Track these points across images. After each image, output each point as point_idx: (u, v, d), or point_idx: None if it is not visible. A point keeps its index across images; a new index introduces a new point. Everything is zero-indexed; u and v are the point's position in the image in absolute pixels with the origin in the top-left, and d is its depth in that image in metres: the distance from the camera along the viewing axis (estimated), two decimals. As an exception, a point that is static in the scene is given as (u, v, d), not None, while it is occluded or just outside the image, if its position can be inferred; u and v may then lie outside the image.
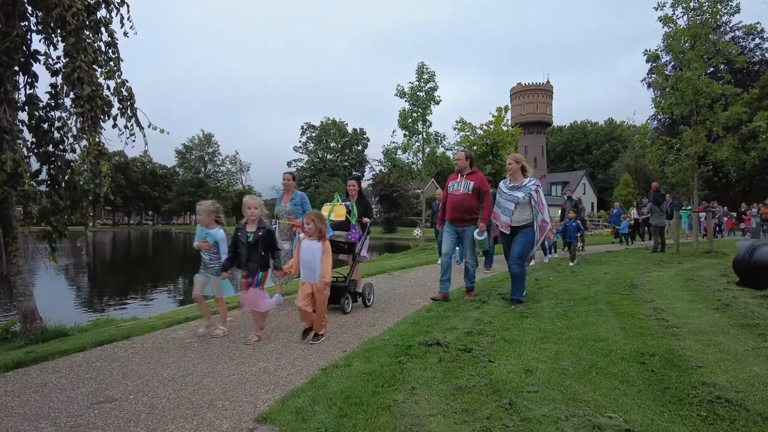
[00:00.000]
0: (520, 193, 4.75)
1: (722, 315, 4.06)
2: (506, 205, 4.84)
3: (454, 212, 5.03)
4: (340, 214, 5.12)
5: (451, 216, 5.08)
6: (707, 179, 29.04)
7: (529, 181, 4.83)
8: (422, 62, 22.03)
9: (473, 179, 5.04)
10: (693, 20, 9.93)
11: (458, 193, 5.03)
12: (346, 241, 5.06)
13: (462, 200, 4.99)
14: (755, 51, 29.64)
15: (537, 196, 4.72)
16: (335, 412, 2.24)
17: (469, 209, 5.00)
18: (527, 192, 4.73)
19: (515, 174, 4.89)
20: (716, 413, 2.12)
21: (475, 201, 5.00)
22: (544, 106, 59.07)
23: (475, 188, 4.99)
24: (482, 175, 5.18)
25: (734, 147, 9.84)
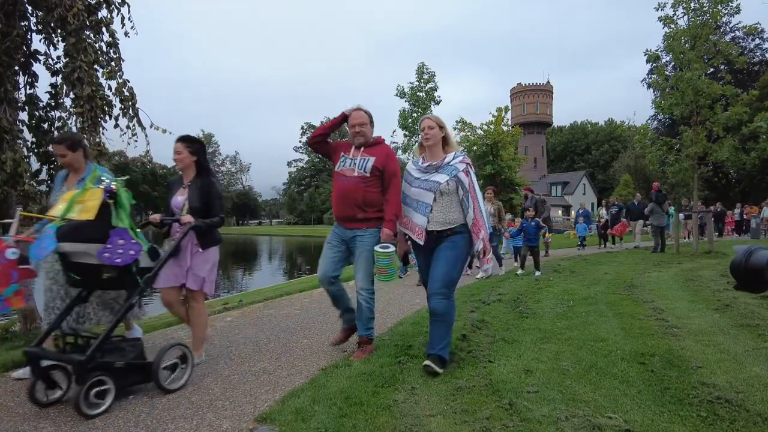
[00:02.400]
0: (441, 177, 2.93)
1: (722, 315, 4.06)
2: (420, 197, 2.98)
3: (342, 206, 3.21)
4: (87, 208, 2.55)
5: (338, 212, 3.26)
6: (707, 179, 29.05)
7: (454, 157, 3.00)
8: (422, 62, 22.05)
9: (375, 154, 3.19)
10: (693, 21, 9.93)
11: (349, 176, 3.17)
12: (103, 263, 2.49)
13: (355, 187, 3.14)
14: (755, 51, 29.68)
15: (468, 181, 2.93)
16: (335, 412, 2.24)
17: (366, 203, 3.15)
18: (452, 174, 2.91)
19: (434, 147, 3.05)
20: (716, 414, 2.12)
21: (376, 190, 3.19)
22: (544, 107, 59.13)
23: (377, 169, 3.15)
24: (389, 148, 3.39)
25: (734, 147, 9.84)
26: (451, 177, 2.91)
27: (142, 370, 2.60)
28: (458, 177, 2.91)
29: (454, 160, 2.98)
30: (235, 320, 4.63)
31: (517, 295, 5.39)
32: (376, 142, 3.34)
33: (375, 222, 3.21)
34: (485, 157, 24.18)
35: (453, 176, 2.91)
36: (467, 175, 2.94)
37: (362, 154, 3.22)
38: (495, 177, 23.83)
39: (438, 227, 2.95)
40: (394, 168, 3.25)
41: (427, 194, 2.95)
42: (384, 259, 3.05)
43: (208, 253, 3.14)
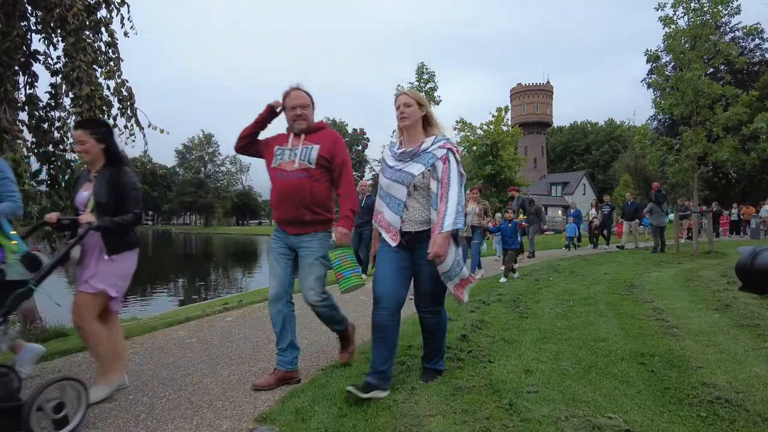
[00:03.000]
0: (416, 167, 2.44)
1: (722, 315, 4.06)
2: (392, 191, 2.51)
3: (285, 207, 2.69)
4: None
5: (280, 215, 2.74)
6: (707, 179, 29.05)
7: (434, 141, 2.48)
8: (422, 62, 22.11)
9: (320, 141, 2.71)
10: (693, 21, 9.93)
11: (290, 170, 2.66)
12: None
13: (299, 183, 2.64)
14: (755, 51, 29.68)
15: (443, 170, 2.41)
16: (335, 412, 2.24)
17: (315, 201, 2.67)
18: (429, 163, 2.43)
19: (412, 129, 2.53)
20: (716, 414, 2.12)
21: (324, 185, 2.73)
22: (544, 107, 59.15)
23: (323, 158, 2.68)
24: (336, 133, 2.90)
25: (734, 147, 9.85)
26: (427, 167, 2.41)
27: (6, 416, 1.92)
28: (435, 167, 2.41)
29: (433, 146, 2.44)
30: (235, 320, 4.63)
31: (517, 295, 5.39)
32: (319, 127, 2.81)
33: (324, 225, 2.73)
34: (485, 158, 24.20)
35: (429, 166, 2.41)
36: (444, 163, 2.40)
37: (304, 142, 2.70)
38: (495, 177, 23.84)
39: (415, 227, 2.46)
40: (343, 156, 2.77)
41: (399, 188, 2.46)
42: (336, 259, 2.72)
43: (119, 261, 2.56)
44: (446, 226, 2.30)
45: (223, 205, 73.10)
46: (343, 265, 2.71)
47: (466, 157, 26.09)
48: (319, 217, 2.72)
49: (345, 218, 2.73)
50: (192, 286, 14.42)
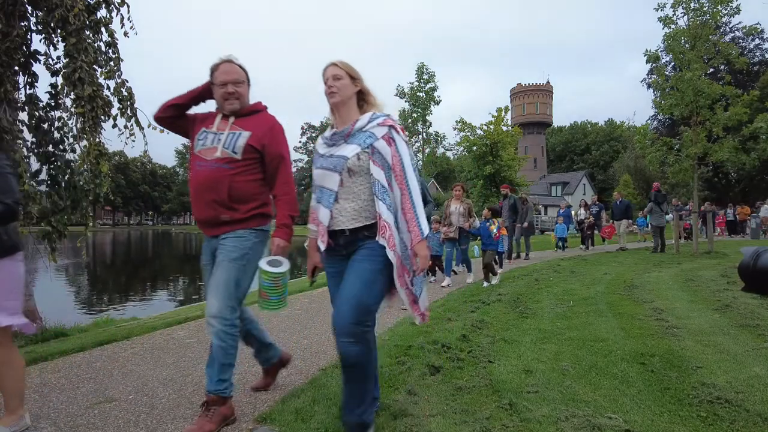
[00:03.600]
0: (349, 148, 1.98)
1: (722, 315, 4.06)
2: (323, 181, 2.04)
3: (200, 205, 2.27)
4: None
5: (196, 214, 2.33)
6: (707, 180, 29.06)
7: (371, 118, 2.01)
8: (422, 63, 22.15)
9: (251, 126, 2.27)
10: (693, 21, 9.94)
11: (209, 159, 2.23)
12: None
13: (216, 176, 2.21)
14: (755, 51, 29.68)
15: (391, 153, 1.95)
16: (335, 412, 2.23)
17: (235, 197, 2.23)
18: (366, 143, 1.96)
19: (344, 107, 2.05)
20: (716, 414, 2.12)
21: (250, 178, 2.27)
22: (544, 107, 59.17)
23: (252, 148, 2.25)
24: (274, 119, 2.39)
25: (734, 148, 9.85)
26: (364, 147, 1.92)
27: None
28: (375, 148, 1.91)
29: (370, 124, 1.96)
30: (235, 320, 4.63)
31: (517, 295, 5.39)
32: (255, 109, 2.35)
33: (251, 221, 2.26)
34: (485, 158, 24.19)
35: (367, 146, 1.92)
36: (390, 145, 1.92)
37: (232, 126, 2.24)
38: (495, 177, 23.84)
39: (348, 224, 1.94)
40: (280, 148, 2.29)
41: (330, 176, 1.96)
42: (267, 280, 2.16)
43: None
44: (425, 230, 1.88)
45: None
46: (274, 289, 2.18)
47: (466, 157, 26.10)
48: (240, 215, 2.24)
49: (282, 227, 2.25)
50: (192, 286, 14.42)
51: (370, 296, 1.87)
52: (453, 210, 6.96)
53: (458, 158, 31.46)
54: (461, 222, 6.86)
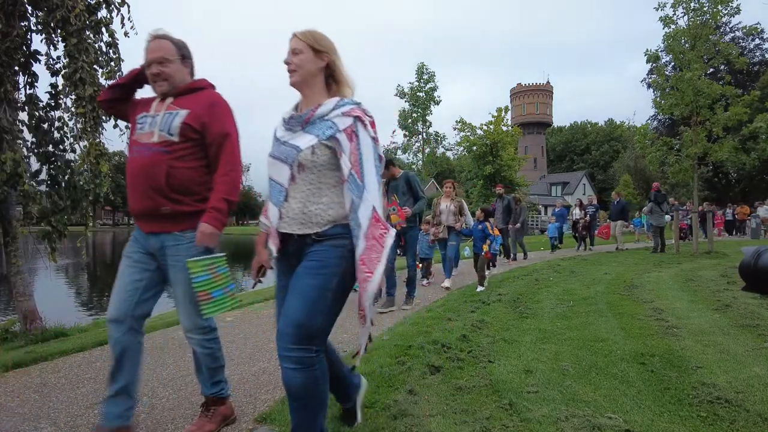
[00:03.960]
0: (305, 138, 1.65)
1: (722, 315, 4.06)
2: (274, 173, 1.72)
3: (135, 195, 2.01)
4: None
5: (132, 206, 2.05)
6: (707, 180, 29.08)
7: (337, 104, 1.68)
8: (422, 63, 22.13)
9: (190, 105, 2.01)
10: (693, 21, 9.94)
11: (146, 143, 1.99)
12: None
13: (152, 161, 1.96)
14: (755, 51, 29.69)
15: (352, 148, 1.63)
16: (335, 412, 2.23)
17: (175, 186, 1.97)
18: (325, 134, 1.63)
19: (307, 87, 1.74)
20: (716, 414, 2.12)
21: (192, 164, 2.01)
22: (544, 107, 59.23)
23: (190, 128, 1.98)
24: (218, 96, 2.10)
25: (734, 148, 9.86)
26: (322, 139, 1.60)
27: None
28: (336, 139, 1.60)
29: (334, 111, 1.64)
30: (235, 320, 4.63)
31: (517, 295, 5.39)
32: (196, 86, 2.08)
33: (194, 220, 1.96)
34: (485, 158, 24.21)
35: (327, 138, 1.60)
36: (352, 140, 1.61)
37: (169, 107, 2.01)
38: (495, 177, 23.86)
39: (296, 228, 1.64)
40: (223, 126, 2.01)
41: (281, 168, 1.66)
42: (199, 273, 1.85)
43: None
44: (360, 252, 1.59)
45: (223, 205, 73.05)
46: (213, 282, 1.90)
47: (466, 157, 26.10)
48: (184, 207, 1.96)
49: (213, 211, 1.93)
50: (192, 286, 14.41)
51: (314, 317, 1.55)
52: (443, 208, 6.51)
53: (458, 158, 31.47)
54: (451, 221, 6.43)
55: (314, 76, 1.72)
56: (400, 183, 5.01)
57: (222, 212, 1.95)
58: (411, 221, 4.98)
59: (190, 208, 1.98)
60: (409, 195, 4.98)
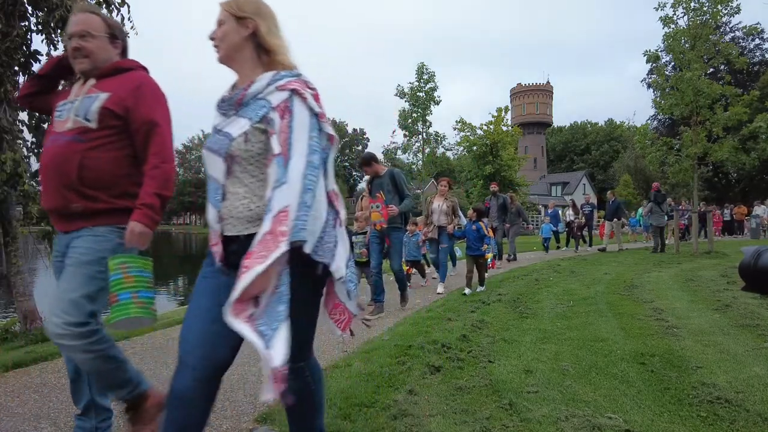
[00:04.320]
0: (238, 124, 1.37)
1: (722, 315, 4.06)
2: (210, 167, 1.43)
3: (45, 190, 1.79)
4: None
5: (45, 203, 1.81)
6: (707, 179, 29.08)
7: (273, 79, 1.37)
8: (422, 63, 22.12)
9: (113, 88, 1.75)
10: (693, 21, 9.95)
11: (59, 133, 1.74)
12: None
13: (64, 152, 1.70)
14: (755, 51, 29.69)
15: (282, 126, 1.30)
16: (335, 413, 2.24)
17: (88, 180, 1.71)
18: (258, 115, 1.34)
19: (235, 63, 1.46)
20: (716, 414, 2.12)
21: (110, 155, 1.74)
22: (544, 107, 59.19)
23: (111, 113, 1.72)
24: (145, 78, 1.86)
25: (734, 148, 9.87)
26: (253, 122, 1.34)
27: None
28: (270, 119, 1.33)
29: (269, 87, 1.36)
30: (235, 320, 4.63)
31: (517, 295, 5.39)
32: (122, 66, 1.84)
33: (112, 216, 1.74)
34: (485, 158, 24.22)
35: (259, 120, 1.34)
36: (284, 116, 1.32)
37: (90, 89, 1.76)
38: (495, 177, 23.90)
39: (243, 228, 1.38)
40: (148, 112, 1.75)
41: (214, 161, 1.41)
42: (111, 272, 1.63)
43: None
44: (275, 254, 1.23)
45: (223, 205, 73.19)
46: (122, 282, 1.61)
47: (466, 157, 26.11)
48: (98, 205, 1.72)
49: (143, 208, 1.69)
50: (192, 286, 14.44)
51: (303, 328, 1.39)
52: (435, 207, 6.25)
53: (458, 158, 31.50)
54: (443, 221, 6.17)
55: (240, 48, 1.44)
56: (385, 181, 4.66)
57: (154, 209, 1.72)
58: (396, 222, 4.57)
59: (105, 205, 1.73)
60: (395, 193, 4.62)
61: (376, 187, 4.67)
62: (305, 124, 1.33)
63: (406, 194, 4.64)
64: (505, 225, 9.69)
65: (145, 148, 1.77)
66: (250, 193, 1.39)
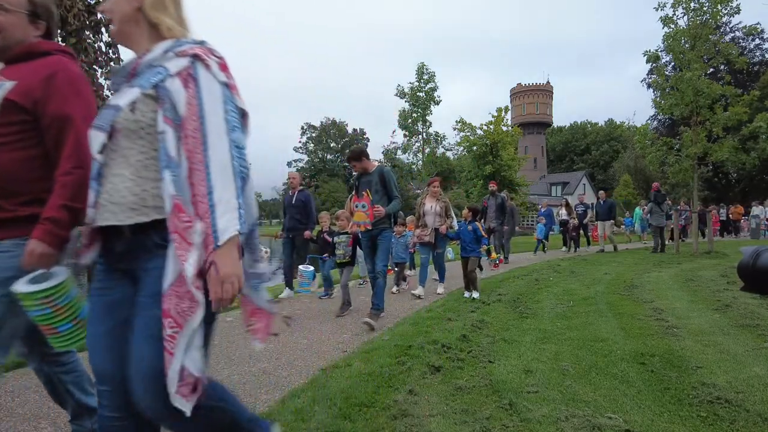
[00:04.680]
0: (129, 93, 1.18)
1: (722, 315, 4.06)
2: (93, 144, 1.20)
3: None
4: None
5: None
6: (707, 179, 29.07)
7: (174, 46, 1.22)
8: (422, 63, 22.15)
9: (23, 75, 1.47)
10: (693, 21, 9.95)
11: None
12: None
13: None
14: (755, 51, 29.67)
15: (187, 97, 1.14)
16: (335, 413, 2.24)
17: None
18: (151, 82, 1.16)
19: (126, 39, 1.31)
20: (716, 414, 2.12)
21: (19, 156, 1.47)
22: (544, 107, 59.18)
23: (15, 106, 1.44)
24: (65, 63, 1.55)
25: (734, 148, 9.87)
26: (145, 89, 1.18)
27: None
28: (163, 88, 1.16)
29: (167, 54, 1.22)
30: (235, 320, 4.63)
31: (517, 295, 5.39)
32: (38, 50, 1.56)
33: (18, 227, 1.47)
34: (485, 158, 24.24)
35: (150, 88, 1.17)
36: (188, 86, 1.17)
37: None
38: (495, 176, 23.91)
39: (124, 216, 1.17)
40: (61, 106, 1.48)
41: (96, 138, 1.21)
42: (35, 306, 1.36)
43: None
44: (223, 230, 1.10)
45: (223, 205, 73.20)
46: (55, 316, 1.39)
47: (466, 157, 26.12)
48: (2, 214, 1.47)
49: (46, 223, 1.41)
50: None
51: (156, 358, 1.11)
52: (428, 209, 5.91)
53: (458, 158, 31.51)
54: (437, 223, 5.86)
55: (131, 19, 1.28)
56: (374, 178, 4.33)
57: (60, 224, 1.40)
58: (384, 222, 4.30)
59: (8, 214, 1.46)
60: (383, 193, 4.32)
61: (364, 184, 4.36)
62: (216, 95, 1.17)
63: (395, 195, 4.36)
64: (503, 226, 9.27)
65: (58, 148, 1.48)
66: (136, 174, 1.17)
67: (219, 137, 1.14)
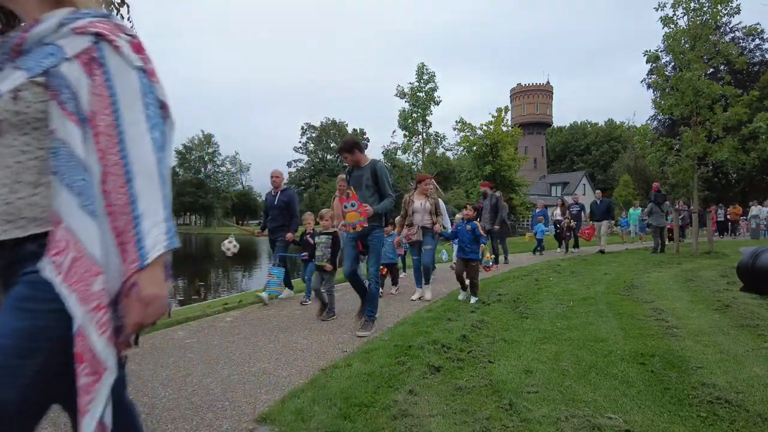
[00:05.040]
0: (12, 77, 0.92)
1: (722, 316, 4.06)
2: None
3: None
4: None
5: None
6: (707, 180, 29.07)
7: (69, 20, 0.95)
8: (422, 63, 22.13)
9: None
10: (693, 21, 9.95)
11: None
12: None
13: None
14: (755, 52, 29.67)
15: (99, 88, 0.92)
16: (335, 413, 2.24)
17: None
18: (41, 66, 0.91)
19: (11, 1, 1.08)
20: (716, 414, 2.12)
21: None
22: (544, 107, 59.18)
23: None
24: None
25: (734, 148, 9.87)
26: (33, 74, 0.93)
27: None
28: (60, 78, 0.92)
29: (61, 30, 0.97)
30: (235, 320, 4.63)
31: (517, 295, 5.39)
32: None
33: None
34: (485, 158, 24.24)
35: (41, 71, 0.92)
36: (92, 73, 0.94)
37: None
38: (495, 177, 23.91)
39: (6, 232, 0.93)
40: None
41: None
42: None
43: None
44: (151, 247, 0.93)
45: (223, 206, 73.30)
46: None
47: (466, 157, 26.12)
48: None
49: None
50: (192, 286, 14.44)
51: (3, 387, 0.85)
52: (417, 207, 5.55)
53: (458, 158, 31.53)
54: (426, 221, 5.52)
55: None
56: (365, 174, 4.03)
57: None
58: (375, 220, 3.98)
59: None
60: (374, 190, 4.02)
61: (355, 179, 4.11)
62: (132, 84, 0.96)
63: (388, 194, 4.04)
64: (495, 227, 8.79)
65: None
66: (12, 179, 0.94)
67: (140, 135, 0.94)
